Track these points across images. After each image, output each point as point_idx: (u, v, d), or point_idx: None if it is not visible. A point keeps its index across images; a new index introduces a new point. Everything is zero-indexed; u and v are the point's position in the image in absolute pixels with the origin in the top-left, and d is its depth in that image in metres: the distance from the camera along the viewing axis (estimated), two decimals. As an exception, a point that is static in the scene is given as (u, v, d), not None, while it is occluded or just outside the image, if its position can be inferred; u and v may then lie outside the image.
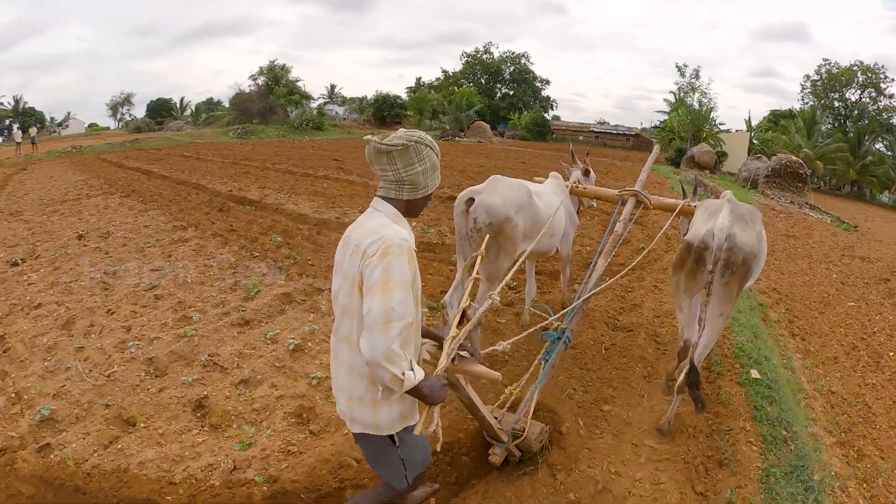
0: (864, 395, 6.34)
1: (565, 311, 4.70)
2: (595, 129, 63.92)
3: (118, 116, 70.48)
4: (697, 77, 46.89)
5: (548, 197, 5.53)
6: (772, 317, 8.53)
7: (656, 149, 7.71)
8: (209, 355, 5.61)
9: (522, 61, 70.82)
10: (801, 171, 26.98)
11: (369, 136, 2.38)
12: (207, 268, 8.45)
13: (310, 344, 5.93)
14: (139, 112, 67.30)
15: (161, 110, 62.69)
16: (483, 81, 69.94)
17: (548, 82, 71.53)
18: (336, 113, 66.17)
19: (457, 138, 47.57)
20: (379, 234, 2.31)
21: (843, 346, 7.81)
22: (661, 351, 6.32)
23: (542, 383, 4.14)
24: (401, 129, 2.44)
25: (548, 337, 4.34)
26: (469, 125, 52.09)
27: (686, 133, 41.85)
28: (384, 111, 60.84)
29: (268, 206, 12.55)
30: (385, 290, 2.20)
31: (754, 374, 5.64)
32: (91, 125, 70.22)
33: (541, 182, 6.22)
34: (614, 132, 63.68)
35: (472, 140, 47.61)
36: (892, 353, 7.52)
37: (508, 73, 70.67)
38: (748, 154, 39.09)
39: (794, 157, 27.99)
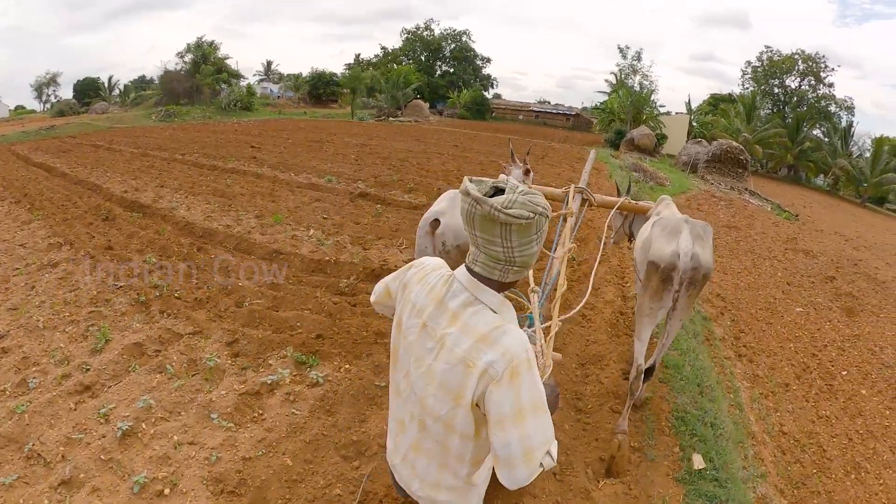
0: (818, 433, 5.82)
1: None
2: (535, 109, 63.16)
3: (43, 98, 65.83)
4: (639, 59, 46.18)
5: None
6: (716, 333, 7.78)
7: (593, 154, 7.56)
8: (33, 444, 4.19)
9: (464, 39, 69.61)
10: (741, 157, 26.69)
11: (490, 200, 1.72)
12: (66, 304, 6.81)
13: (143, 425, 4.47)
14: (67, 93, 62.93)
15: (88, 91, 58.09)
16: (423, 59, 68.56)
17: (489, 60, 70.80)
18: (271, 91, 63.93)
19: (390, 118, 46.25)
20: (500, 349, 1.79)
21: (793, 366, 7.26)
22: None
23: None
24: (517, 188, 1.78)
25: (527, 318, 3.83)
26: (406, 104, 50.83)
27: (626, 115, 41.32)
28: (319, 89, 58.89)
29: (157, 212, 11.03)
30: (520, 422, 1.77)
31: (697, 461, 4.59)
32: (18, 108, 65.26)
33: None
34: (554, 112, 62.90)
35: (409, 119, 46.36)
36: (844, 373, 7.13)
37: (449, 50, 69.36)
38: (688, 137, 39.62)
39: (734, 143, 27.64)
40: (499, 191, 1.78)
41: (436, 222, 4.37)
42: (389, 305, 2.25)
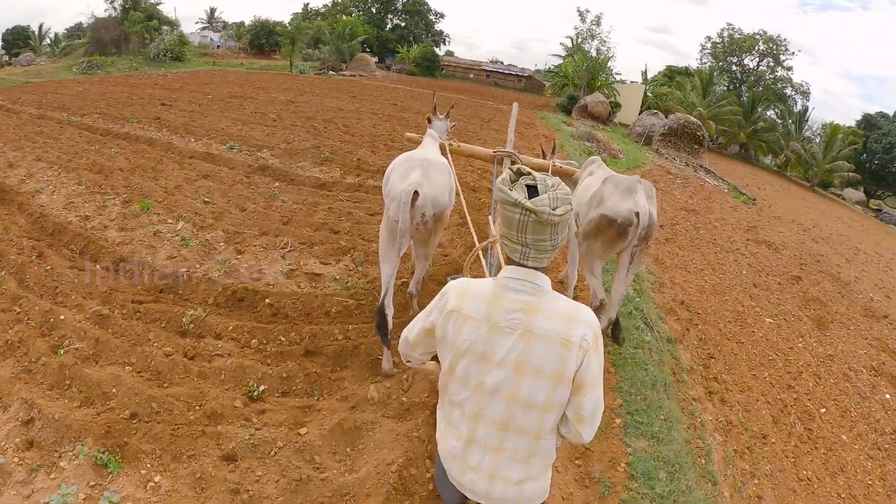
0: (798, 504, 4.95)
1: None
2: (487, 68, 60.68)
3: None
4: (598, 24, 44.33)
5: (445, 165, 5.18)
6: (683, 361, 6.55)
7: (515, 109, 7.67)
8: None
9: (417, -9, 67.19)
10: (698, 133, 25.69)
11: (542, 206, 1.89)
12: None
13: None
14: None
15: (17, 41, 53.34)
16: (374, 11, 65.43)
17: (442, 16, 68.56)
18: (211, 40, 59.60)
19: (330, 72, 43.63)
20: (586, 322, 2.01)
21: (769, 405, 6.23)
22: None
23: None
24: (548, 183, 1.96)
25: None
26: (351, 57, 48.03)
27: (580, 80, 39.88)
28: (262, 39, 54.84)
29: (16, 199, 8.64)
30: (598, 384, 2.05)
31: None
32: None
33: (415, 139, 6.40)
34: (506, 72, 60.82)
35: (353, 74, 43.92)
36: (822, 410, 6.45)
37: (401, 3, 66.08)
38: (642, 107, 38.96)
39: (692, 118, 26.52)
40: (530, 186, 1.95)
41: (416, 195, 4.32)
42: (429, 347, 2.30)
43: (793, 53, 50.07)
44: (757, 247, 12.99)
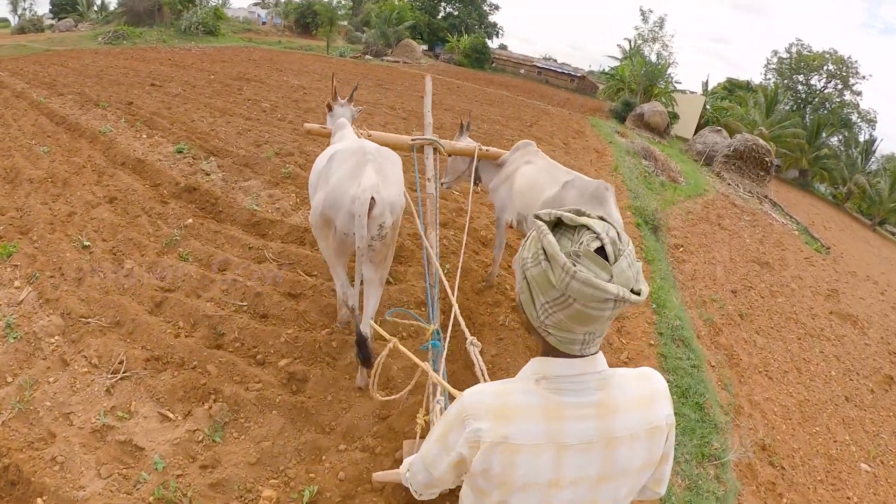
0: None
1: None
2: (539, 65, 56.20)
3: (18, 12, 58.59)
4: (661, 26, 40.57)
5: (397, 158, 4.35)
6: None
7: (429, 81, 5.94)
8: None
9: (473, -20, 63.17)
10: (766, 159, 22.20)
11: (639, 296, 1.29)
12: None
13: None
14: (44, 7, 55.97)
15: (66, 5, 52.04)
16: (426, -4, 62.62)
17: (497, 7, 63.90)
18: (259, 16, 57.12)
19: (367, 56, 40.49)
20: (661, 393, 1.52)
21: None
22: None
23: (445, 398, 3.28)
24: (617, 241, 1.31)
25: (431, 346, 3.59)
26: (397, 42, 44.94)
27: (637, 86, 36.29)
28: (307, 18, 51.43)
29: None
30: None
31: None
32: (0, 21, 58.45)
33: (316, 130, 5.52)
34: (559, 70, 55.51)
35: (397, 60, 40.84)
36: None
37: (455, -10, 63.01)
38: (699, 120, 35.16)
39: (761, 141, 22.95)
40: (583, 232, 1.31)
41: (373, 201, 3.56)
42: (459, 475, 1.55)
43: (863, 77, 44.96)
44: (841, 324, 10.33)
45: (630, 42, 41.70)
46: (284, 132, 11.33)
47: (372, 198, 3.52)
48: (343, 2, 49.18)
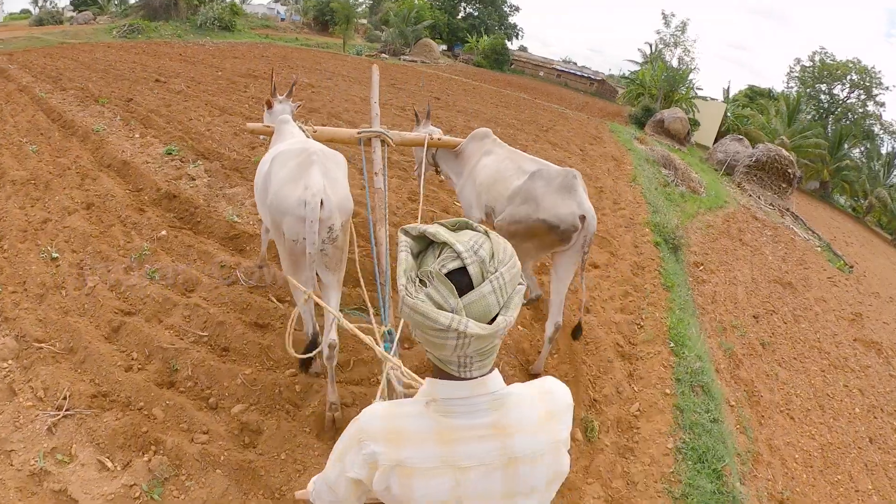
0: None
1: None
2: (558, 67, 55.48)
3: (39, 3, 58.42)
4: (684, 31, 39.53)
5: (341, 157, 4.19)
6: None
7: (376, 71, 5.70)
8: None
9: (493, -20, 62.46)
10: (789, 171, 21.37)
11: (491, 328, 1.19)
12: None
13: None
14: None
15: None
16: (447, -4, 61.95)
17: (517, 9, 63.38)
18: (278, 13, 56.21)
19: (383, 55, 39.97)
20: (562, 404, 1.47)
21: None
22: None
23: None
24: (482, 256, 1.21)
25: (383, 348, 3.15)
26: (415, 41, 44.29)
27: (658, 91, 35.43)
28: (325, 15, 49.62)
29: None
30: None
31: None
32: (13, 14, 58.37)
33: (259, 129, 5.10)
34: (578, 73, 55.00)
35: (413, 60, 40.31)
36: None
37: (476, -10, 62.16)
38: (720, 128, 34.57)
39: (784, 152, 22.08)
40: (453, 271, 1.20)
41: (321, 204, 3.46)
42: (364, 494, 1.49)
43: (886, 88, 43.41)
44: (866, 353, 9.62)
45: (651, 46, 40.92)
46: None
47: (321, 200, 3.40)
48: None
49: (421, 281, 1.19)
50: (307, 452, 3.57)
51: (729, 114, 36.90)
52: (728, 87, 41.72)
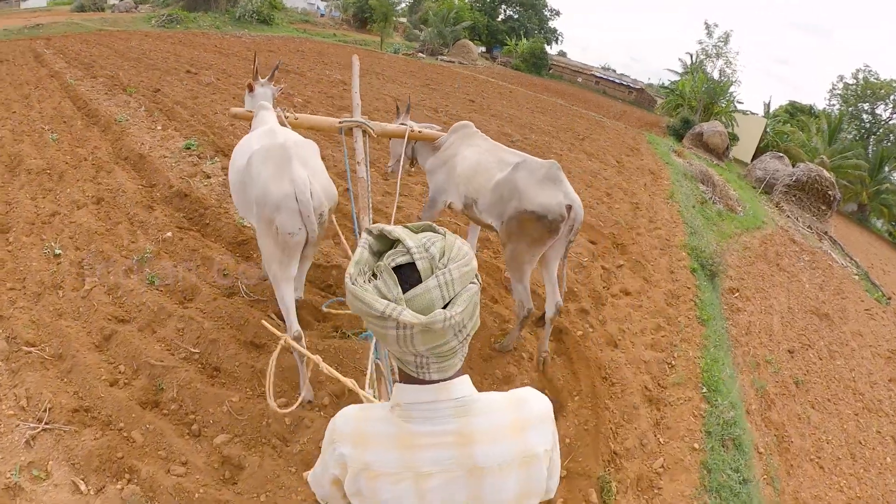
0: None
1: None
2: (597, 74, 54.42)
3: None
4: (726, 42, 38.33)
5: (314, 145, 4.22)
6: None
7: (356, 61, 5.57)
8: None
9: (534, -16, 61.84)
10: (829, 193, 20.49)
11: (431, 318, 1.18)
12: None
13: None
14: None
15: None
16: (487, -1, 61.62)
17: (558, 13, 62.11)
18: (318, 8, 56.07)
19: (420, 54, 39.73)
20: (538, 417, 1.41)
21: None
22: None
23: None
24: (432, 252, 1.22)
25: (369, 335, 3.38)
26: (454, 42, 43.83)
27: (697, 103, 34.39)
28: (365, 13, 49.08)
29: None
30: (559, 460, 1.51)
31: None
32: None
33: (242, 114, 5.05)
34: (617, 81, 53.71)
35: (451, 60, 39.84)
36: None
37: (516, -7, 61.78)
38: (759, 143, 33.42)
39: (825, 173, 21.24)
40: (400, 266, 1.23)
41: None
42: (342, 498, 1.49)
43: None
44: None
45: (692, 56, 39.94)
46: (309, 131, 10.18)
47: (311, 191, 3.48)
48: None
49: (373, 274, 1.22)
50: (289, 497, 3.24)
51: (769, 129, 35.84)
52: (769, 102, 40.36)
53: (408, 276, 1.19)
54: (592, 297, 6.59)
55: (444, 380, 1.30)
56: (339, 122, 4.95)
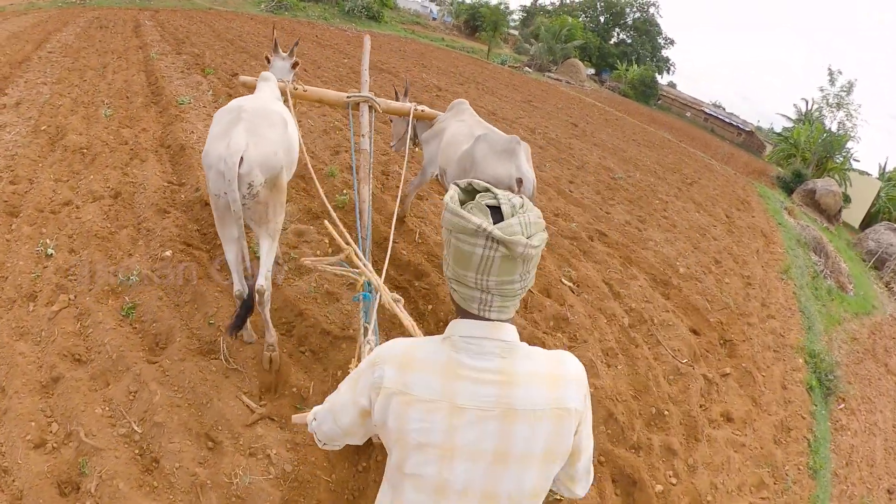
0: None
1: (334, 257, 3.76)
2: (707, 110, 51.76)
3: None
4: (850, 92, 35.40)
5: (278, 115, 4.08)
6: None
7: (367, 41, 5.91)
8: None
9: (650, 10, 59.19)
10: (953, 278, 18.15)
11: (514, 236, 1.24)
12: None
13: None
14: None
15: None
16: (601, 20, 58.98)
17: (672, 42, 60.37)
18: (431, 11, 55.87)
19: (526, 68, 38.43)
20: (574, 377, 1.43)
21: None
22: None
23: (376, 339, 3.34)
24: (514, 202, 1.30)
25: (362, 298, 3.52)
26: (563, 60, 42.54)
27: (811, 155, 31.76)
28: (477, 21, 48.55)
29: None
30: (591, 440, 1.53)
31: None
32: None
33: (250, 83, 5.22)
34: (727, 121, 50.50)
35: (558, 78, 38.47)
36: None
37: (631, 18, 59.38)
38: (870, 208, 30.34)
39: (950, 258, 18.81)
40: (491, 207, 1.32)
41: (240, 160, 3.43)
42: (369, 431, 1.54)
43: None
44: None
45: (807, 103, 37.07)
46: (377, 142, 9.04)
47: (241, 157, 3.38)
48: (511, 9, 47.43)
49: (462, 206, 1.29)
50: None
51: (882, 194, 32.74)
52: (884, 163, 36.79)
53: (494, 216, 1.26)
54: (685, 426, 4.95)
55: (500, 321, 1.35)
56: (347, 97, 5.17)
